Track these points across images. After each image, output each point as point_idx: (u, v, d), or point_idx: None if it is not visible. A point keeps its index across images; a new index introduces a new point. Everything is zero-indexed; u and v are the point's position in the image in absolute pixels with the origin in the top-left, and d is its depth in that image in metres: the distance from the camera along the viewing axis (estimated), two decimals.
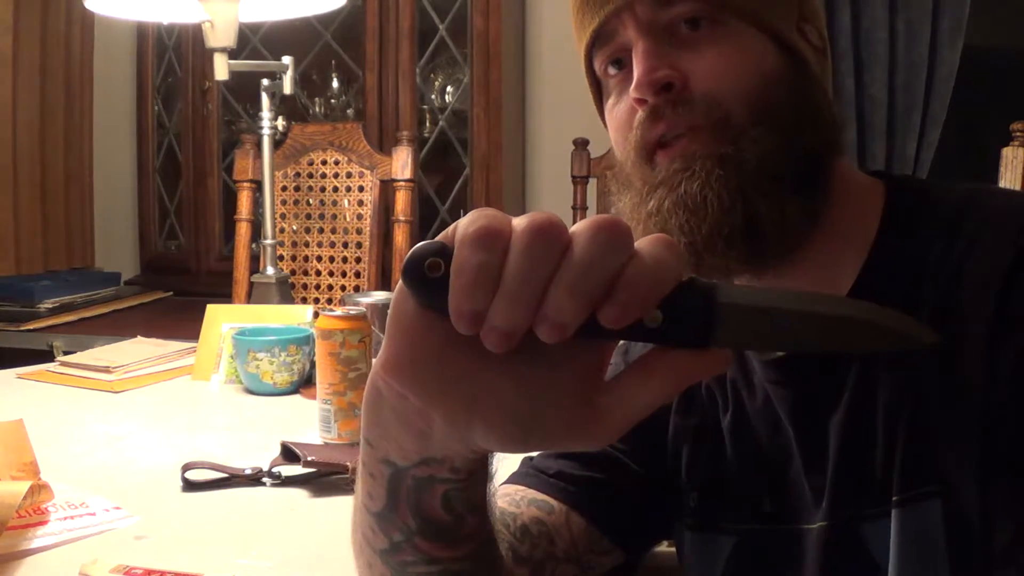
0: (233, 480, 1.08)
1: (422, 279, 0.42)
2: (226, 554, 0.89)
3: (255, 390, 1.49)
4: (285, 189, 2.24)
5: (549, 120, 2.85)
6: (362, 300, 1.55)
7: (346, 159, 2.22)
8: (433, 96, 2.78)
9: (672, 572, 0.83)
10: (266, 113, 1.92)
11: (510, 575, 0.67)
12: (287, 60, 1.90)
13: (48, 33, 2.87)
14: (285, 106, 2.40)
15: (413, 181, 2.17)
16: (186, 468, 1.08)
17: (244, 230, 2.20)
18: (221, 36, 1.72)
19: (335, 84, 2.87)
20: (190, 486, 1.07)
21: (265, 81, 1.91)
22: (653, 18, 0.66)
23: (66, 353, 1.85)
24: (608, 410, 0.43)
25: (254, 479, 1.08)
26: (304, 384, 1.50)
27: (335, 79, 2.86)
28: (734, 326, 0.40)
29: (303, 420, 1.32)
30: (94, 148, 3.11)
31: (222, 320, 1.63)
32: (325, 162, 2.23)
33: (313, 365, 1.41)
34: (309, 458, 1.06)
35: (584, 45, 0.71)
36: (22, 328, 2.41)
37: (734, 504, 0.75)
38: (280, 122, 1.96)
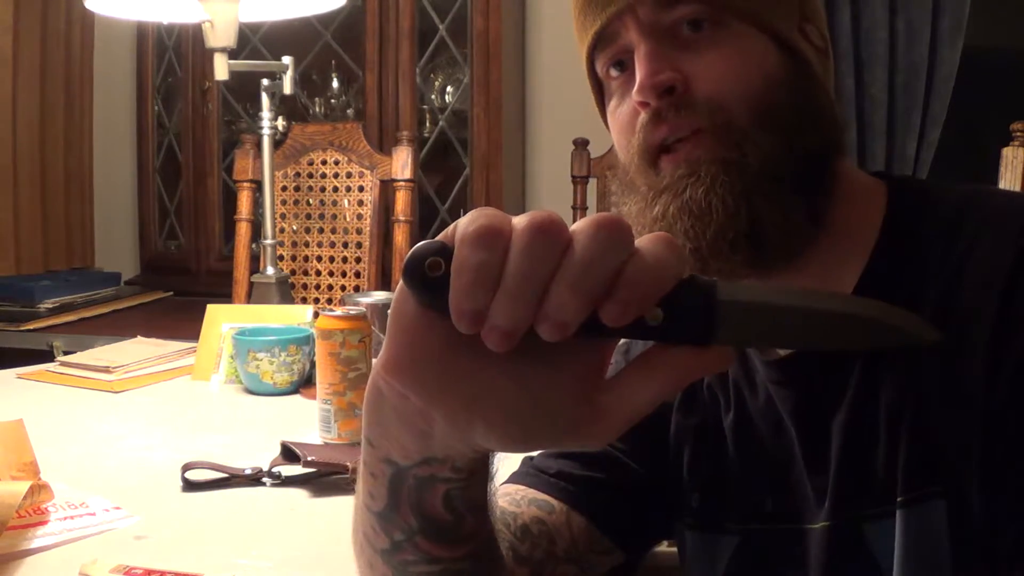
0: (233, 480, 1.08)
1: (422, 278, 0.42)
2: (226, 554, 0.89)
3: (255, 390, 1.49)
4: (285, 189, 2.24)
5: (549, 120, 2.85)
6: (362, 300, 1.55)
7: (346, 159, 2.22)
8: (433, 96, 2.77)
9: (672, 572, 0.83)
10: (266, 113, 1.92)
11: (511, 575, 0.67)
12: (287, 60, 1.90)
13: (48, 33, 2.87)
14: (285, 106, 2.40)
15: (413, 181, 2.17)
16: (186, 468, 1.08)
17: (244, 230, 2.20)
18: (221, 36, 1.72)
19: (335, 84, 2.87)
20: (190, 486, 1.07)
21: (265, 81, 1.91)
22: (655, 20, 0.66)
23: (66, 353, 1.84)
24: (608, 408, 0.43)
25: (254, 479, 1.08)
26: (304, 384, 1.50)
27: (335, 79, 2.86)
28: (735, 324, 0.40)
29: (303, 420, 1.32)
30: (94, 148, 3.11)
31: (222, 320, 1.63)
32: (325, 162, 2.23)
33: (313, 365, 1.41)
34: (309, 458, 1.06)
35: (586, 47, 0.71)
36: (22, 328, 2.41)
37: (736, 504, 0.75)
38: (280, 122, 1.96)
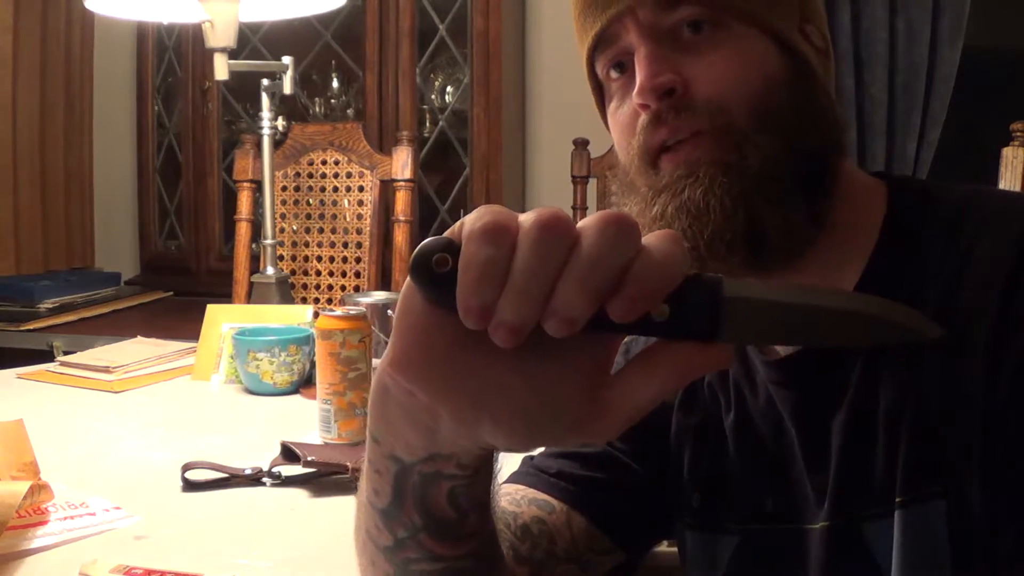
0: (233, 480, 1.08)
1: (429, 274, 0.42)
2: (226, 554, 0.89)
3: (255, 390, 1.49)
4: (285, 189, 2.24)
5: (549, 120, 2.85)
6: (362, 300, 1.55)
7: (346, 159, 2.22)
8: (433, 96, 2.78)
9: (672, 572, 0.83)
10: (266, 113, 1.92)
11: (511, 574, 0.67)
12: (287, 60, 1.90)
13: (48, 33, 2.87)
14: (285, 106, 2.40)
15: (413, 181, 2.17)
16: (186, 468, 1.08)
17: (244, 230, 2.20)
18: (221, 36, 1.72)
19: (335, 84, 2.87)
20: (190, 486, 1.07)
21: (265, 81, 1.91)
22: (655, 22, 0.66)
23: (66, 353, 1.85)
24: (611, 404, 0.43)
25: (254, 479, 1.08)
26: (304, 384, 1.50)
27: (335, 79, 2.86)
28: (740, 320, 0.40)
29: (303, 420, 1.32)
30: (94, 148, 3.11)
31: (222, 320, 1.63)
32: (325, 162, 2.23)
33: (313, 365, 1.41)
34: (309, 458, 1.06)
35: (586, 49, 0.71)
36: (22, 328, 2.41)
37: (737, 504, 0.75)
38: (280, 122, 1.96)
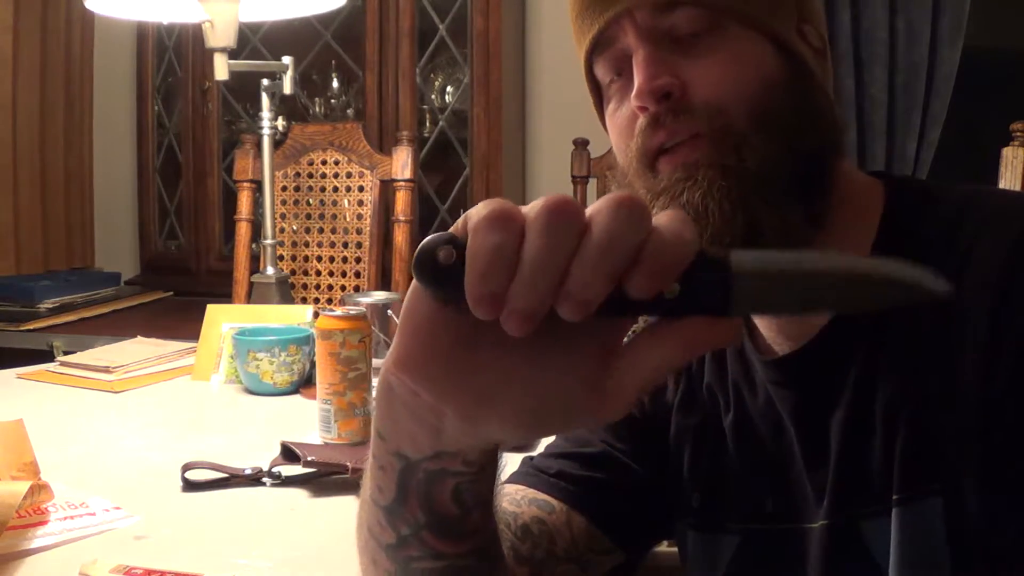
0: (233, 480, 1.08)
1: (434, 269, 0.41)
2: (226, 554, 0.89)
3: (255, 390, 1.49)
4: (285, 189, 2.24)
5: (549, 120, 2.85)
6: (362, 300, 1.55)
7: (346, 159, 2.22)
8: (433, 96, 2.78)
9: (672, 572, 0.83)
10: (266, 113, 1.92)
11: (512, 575, 0.67)
12: (287, 60, 1.90)
13: (48, 33, 2.87)
14: (285, 106, 2.39)
15: (413, 181, 2.17)
16: (186, 468, 1.08)
17: (244, 230, 2.19)
18: (221, 36, 1.72)
19: (335, 84, 2.87)
20: (190, 486, 1.07)
21: (265, 81, 1.91)
22: (653, 24, 0.66)
23: (66, 353, 1.85)
24: (618, 383, 0.43)
25: (254, 479, 1.08)
26: (304, 384, 1.50)
27: (335, 79, 2.86)
28: (751, 294, 0.40)
29: (303, 420, 1.32)
30: (94, 148, 3.11)
31: (222, 320, 1.63)
32: (325, 162, 2.23)
33: (313, 365, 1.41)
34: (309, 458, 1.06)
35: (584, 51, 0.71)
36: (22, 328, 2.41)
37: (737, 504, 0.75)
38: (280, 122, 1.96)
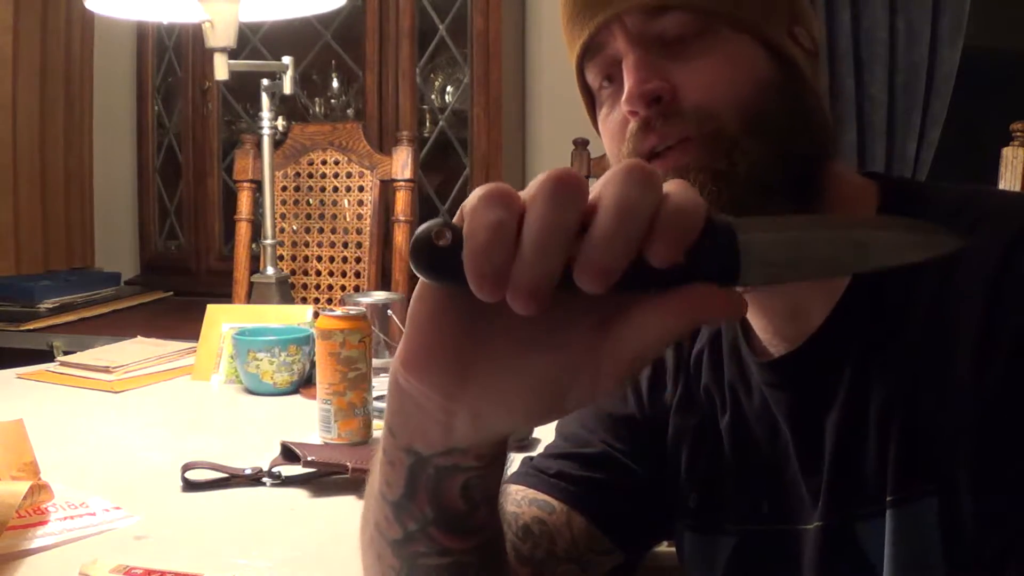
0: (233, 480, 1.08)
1: (431, 252, 0.40)
2: (226, 554, 0.90)
3: (255, 390, 1.49)
4: (285, 189, 2.24)
5: (549, 120, 2.85)
6: (362, 300, 1.55)
7: (346, 159, 2.22)
8: (433, 96, 2.77)
9: (672, 572, 0.84)
10: (266, 113, 1.92)
11: (513, 574, 0.67)
12: (287, 60, 1.90)
13: (48, 33, 2.87)
14: (285, 106, 2.39)
15: (413, 181, 2.17)
16: (186, 468, 1.08)
17: (244, 230, 2.20)
18: (221, 36, 1.72)
19: (335, 84, 2.87)
20: (190, 486, 1.07)
21: (265, 81, 1.91)
22: (643, 29, 0.66)
23: (66, 353, 1.85)
24: (618, 354, 0.42)
25: (254, 479, 1.08)
26: (304, 384, 1.50)
27: (335, 79, 2.86)
28: (760, 261, 0.40)
29: (303, 420, 1.32)
30: (94, 148, 3.11)
31: (222, 320, 1.64)
32: (325, 162, 2.23)
33: (313, 365, 1.41)
34: (309, 458, 1.06)
35: (575, 57, 0.71)
36: (22, 328, 2.41)
37: (733, 505, 0.76)
38: (280, 122, 1.96)
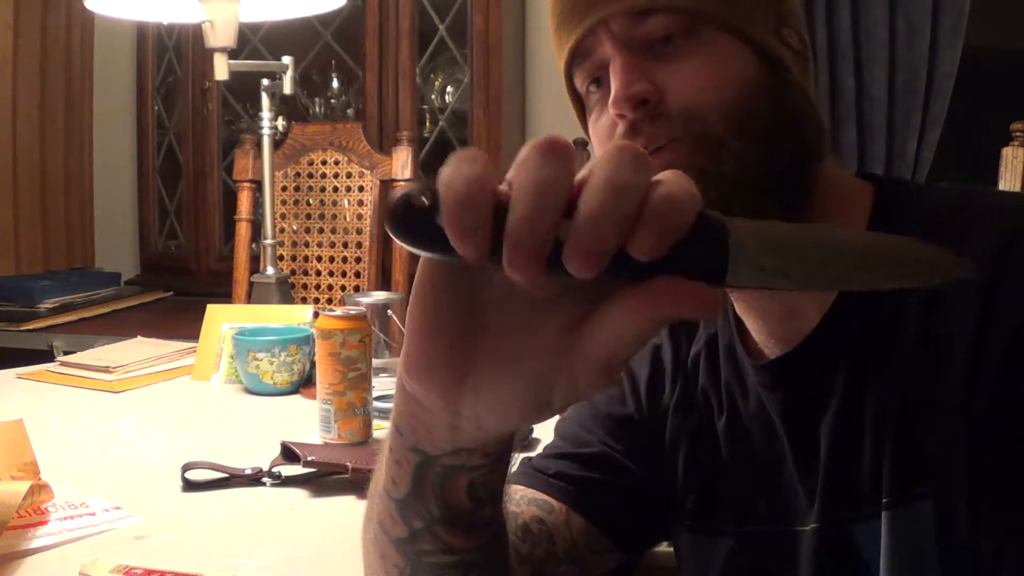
0: (233, 480, 1.08)
1: (407, 212, 0.38)
2: (226, 554, 0.90)
3: (255, 390, 1.49)
4: (285, 189, 2.24)
5: (549, 120, 2.85)
6: (362, 300, 1.56)
7: (346, 159, 2.22)
8: (433, 96, 2.78)
9: (671, 572, 0.84)
10: (266, 113, 1.92)
11: (513, 574, 0.67)
12: (287, 60, 1.90)
13: (48, 33, 2.87)
14: (285, 106, 2.40)
15: (413, 181, 2.17)
16: (186, 468, 1.08)
17: (244, 230, 2.19)
18: (221, 36, 1.73)
19: (335, 84, 2.87)
20: (190, 486, 1.07)
21: (265, 81, 1.91)
22: (629, 33, 0.66)
23: (66, 353, 1.85)
24: (589, 353, 0.41)
25: (254, 479, 1.08)
26: (304, 384, 1.50)
27: (335, 79, 2.86)
28: (752, 261, 0.37)
29: (303, 420, 1.32)
30: (94, 148, 3.11)
31: (222, 320, 1.64)
32: (325, 162, 2.23)
33: (313, 365, 1.41)
34: (309, 458, 1.06)
35: (563, 63, 0.71)
36: (22, 328, 2.41)
37: (730, 506, 0.76)
38: (280, 122, 1.97)
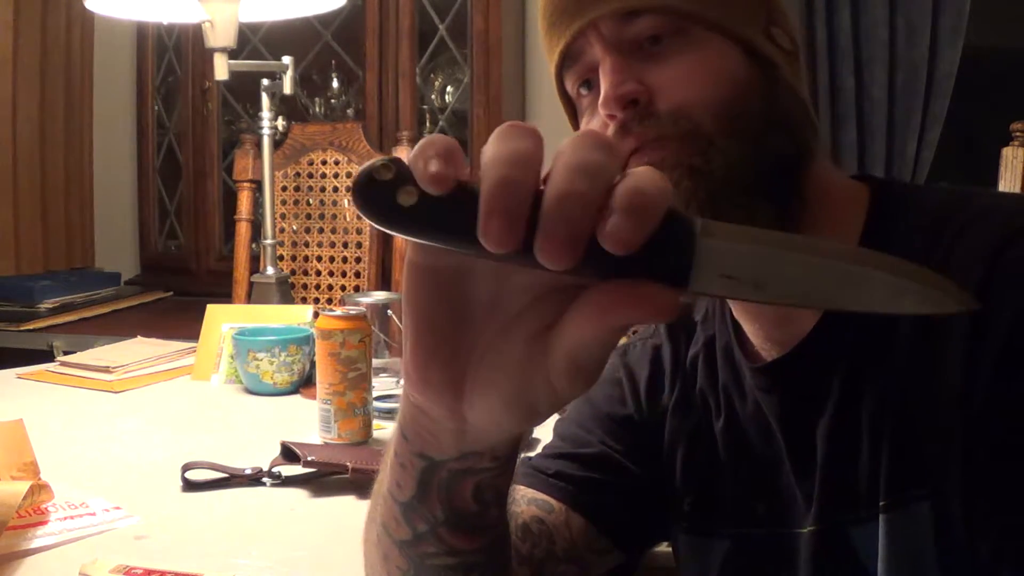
0: (233, 480, 1.08)
1: (370, 184, 0.37)
2: (226, 554, 0.90)
3: (255, 390, 1.49)
4: (285, 189, 2.24)
5: (549, 120, 2.83)
6: (362, 300, 1.55)
7: (346, 159, 2.22)
8: (433, 96, 2.77)
9: (672, 572, 0.84)
10: (266, 113, 1.92)
11: (513, 574, 0.67)
12: (287, 60, 1.90)
13: (48, 33, 2.87)
14: (285, 106, 2.39)
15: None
16: (186, 468, 1.08)
17: (244, 230, 2.19)
18: (221, 36, 1.73)
19: (335, 84, 2.87)
20: (190, 486, 1.07)
21: (265, 81, 1.91)
22: (618, 34, 0.66)
23: (66, 353, 1.85)
24: (554, 356, 0.40)
25: (254, 479, 1.08)
26: (304, 384, 1.50)
27: (335, 79, 2.86)
28: (718, 267, 0.35)
29: (303, 420, 1.32)
30: (94, 148, 3.11)
31: (222, 320, 1.64)
32: (325, 162, 2.23)
33: (313, 365, 1.41)
34: (309, 458, 1.06)
35: (554, 66, 0.72)
36: (22, 328, 2.41)
37: (728, 508, 0.76)
38: (280, 122, 1.96)
